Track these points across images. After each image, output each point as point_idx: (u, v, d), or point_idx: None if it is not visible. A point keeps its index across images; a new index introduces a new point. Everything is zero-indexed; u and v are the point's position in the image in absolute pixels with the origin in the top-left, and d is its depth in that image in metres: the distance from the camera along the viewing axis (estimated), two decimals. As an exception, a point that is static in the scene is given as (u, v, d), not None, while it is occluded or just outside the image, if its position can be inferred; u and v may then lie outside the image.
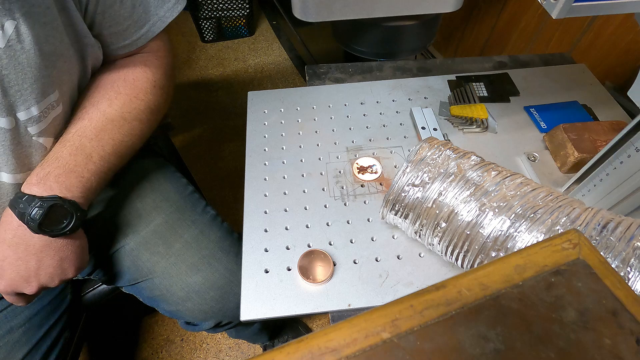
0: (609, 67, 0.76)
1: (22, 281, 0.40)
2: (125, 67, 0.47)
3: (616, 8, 0.29)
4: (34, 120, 0.39)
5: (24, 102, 0.37)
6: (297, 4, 0.54)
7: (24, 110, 0.37)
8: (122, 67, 0.47)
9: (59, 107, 0.41)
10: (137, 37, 0.46)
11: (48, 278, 0.41)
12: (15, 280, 0.40)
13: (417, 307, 0.17)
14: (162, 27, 0.47)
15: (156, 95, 0.48)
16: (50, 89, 0.39)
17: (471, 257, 0.34)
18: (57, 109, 0.41)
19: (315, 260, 0.41)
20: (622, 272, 0.28)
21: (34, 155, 0.41)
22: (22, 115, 0.38)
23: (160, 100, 0.49)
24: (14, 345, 0.49)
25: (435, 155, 0.37)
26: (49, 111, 0.40)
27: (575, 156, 0.46)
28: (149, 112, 0.47)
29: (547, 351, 0.16)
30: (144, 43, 0.47)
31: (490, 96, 0.58)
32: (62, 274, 0.42)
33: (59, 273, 0.41)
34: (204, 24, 1.64)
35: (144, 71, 0.47)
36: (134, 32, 0.45)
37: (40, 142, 0.41)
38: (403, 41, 0.75)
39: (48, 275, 0.41)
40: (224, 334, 0.96)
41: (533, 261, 0.18)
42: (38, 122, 0.39)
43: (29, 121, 0.38)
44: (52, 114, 0.41)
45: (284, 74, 1.59)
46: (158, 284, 0.51)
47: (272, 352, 0.16)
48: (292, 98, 0.59)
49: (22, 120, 0.38)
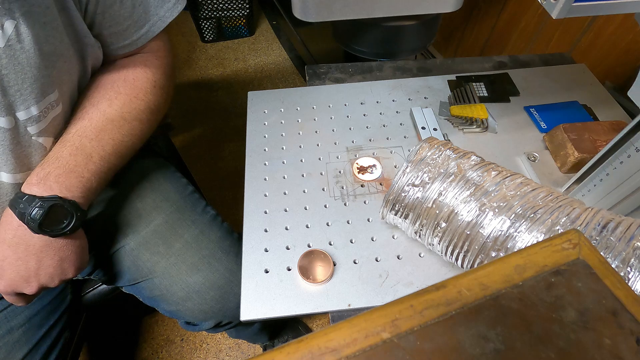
0: (609, 67, 0.76)
1: (22, 281, 0.40)
2: (125, 67, 0.47)
3: (616, 8, 0.29)
4: (34, 120, 0.39)
5: (23, 102, 0.37)
6: (297, 4, 0.54)
7: (23, 110, 0.37)
8: (122, 67, 0.47)
9: (59, 107, 0.41)
10: (137, 37, 0.46)
11: (48, 278, 0.41)
12: (15, 280, 0.40)
13: (417, 307, 0.17)
14: (162, 27, 0.47)
15: (156, 95, 0.48)
16: (49, 89, 0.39)
17: (471, 257, 0.34)
18: (57, 109, 0.41)
19: (315, 260, 0.41)
20: (622, 272, 0.28)
21: (34, 155, 0.41)
22: (22, 115, 0.38)
23: (160, 100, 0.49)
24: (14, 345, 0.49)
25: (435, 155, 0.37)
26: (49, 111, 0.40)
27: (575, 156, 0.46)
28: (149, 112, 0.47)
29: (547, 351, 0.16)
30: (144, 43, 0.47)
31: (490, 96, 0.58)
32: (62, 274, 0.42)
33: (59, 273, 0.41)
34: (204, 24, 1.64)
35: (144, 71, 0.47)
36: (134, 32, 0.45)
37: (40, 141, 0.41)
38: (403, 41, 0.75)
39: (48, 275, 0.41)
40: (224, 334, 0.96)
41: (533, 261, 0.18)
42: (37, 121, 0.39)
43: (28, 121, 0.38)
44: (52, 114, 0.41)
45: (284, 74, 1.59)
46: (158, 283, 0.51)
47: (272, 352, 0.16)
48: (292, 98, 0.59)
49: (22, 120, 0.38)
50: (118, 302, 0.63)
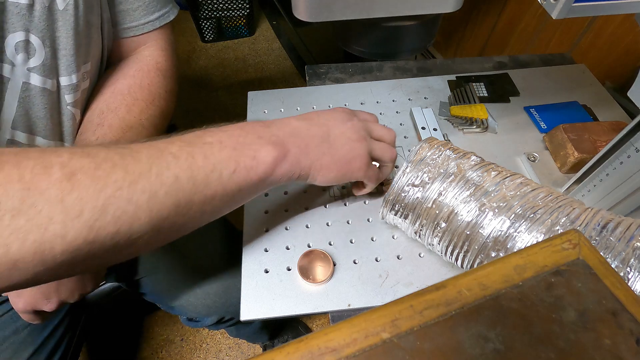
0: (609, 67, 0.76)
1: (42, 298, 0.39)
2: (141, 71, 0.47)
3: (616, 8, 0.29)
4: (72, 88, 0.39)
5: (67, 68, 0.37)
6: (297, 4, 0.54)
7: (66, 75, 0.38)
8: (137, 71, 0.47)
9: (88, 81, 0.41)
10: (145, 22, 0.45)
11: (69, 293, 0.40)
12: (35, 297, 0.39)
13: (417, 307, 0.17)
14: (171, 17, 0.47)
15: (167, 101, 0.48)
16: (87, 59, 0.39)
17: (471, 257, 0.34)
18: (86, 82, 0.41)
19: (315, 260, 0.41)
20: (621, 272, 0.28)
21: (66, 124, 0.41)
22: (64, 81, 0.38)
23: (171, 105, 0.49)
24: (20, 346, 0.49)
25: (435, 156, 0.37)
26: (82, 82, 0.40)
27: (575, 156, 0.46)
28: (162, 118, 0.47)
29: (547, 351, 0.16)
30: (149, 30, 0.46)
31: (490, 96, 0.58)
32: (82, 288, 0.41)
33: (80, 287, 0.41)
34: (204, 24, 1.64)
35: (157, 75, 0.47)
36: (142, 16, 0.45)
37: (72, 112, 0.41)
38: (403, 41, 0.75)
39: (69, 291, 0.40)
40: (224, 334, 0.96)
41: (533, 261, 0.18)
42: (75, 90, 0.39)
43: (67, 88, 0.38)
44: (83, 86, 0.41)
45: (284, 74, 1.59)
46: (161, 279, 0.51)
47: (271, 352, 0.16)
48: (292, 98, 0.59)
49: (63, 86, 0.38)
50: (118, 302, 0.63)
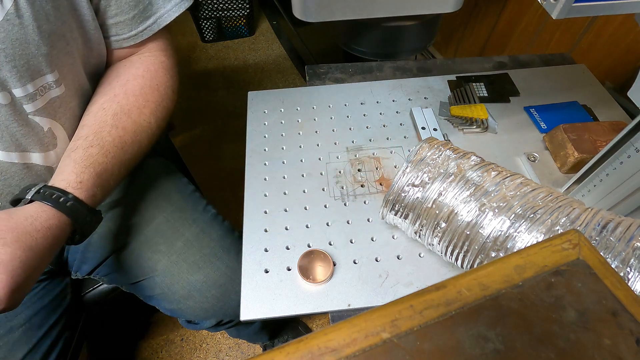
0: (609, 67, 0.76)
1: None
2: (149, 71, 0.47)
3: (616, 8, 0.29)
4: (30, 97, 0.38)
5: (20, 79, 0.37)
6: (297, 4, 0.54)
7: (20, 86, 0.37)
8: (146, 71, 0.47)
9: (59, 89, 0.41)
10: (143, 29, 0.46)
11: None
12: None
13: (417, 307, 0.17)
14: (169, 20, 0.47)
15: (173, 101, 0.49)
16: (47, 68, 0.39)
17: (471, 257, 0.34)
18: (56, 90, 0.41)
19: (315, 260, 0.41)
20: (622, 272, 0.28)
21: (30, 135, 0.40)
22: (18, 92, 0.37)
23: (173, 105, 0.49)
24: (14, 345, 0.49)
25: (435, 156, 0.37)
26: (45, 90, 0.40)
27: (575, 156, 0.46)
28: (167, 119, 0.48)
29: (547, 351, 0.16)
30: (149, 35, 0.46)
31: (490, 96, 0.58)
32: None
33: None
34: (204, 24, 1.64)
35: (164, 75, 0.48)
36: (139, 23, 0.45)
37: (37, 121, 0.40)
38: (403, 41, 0.75)
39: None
40: (224, 334, 0.96)
41: (533, 261, 0.18)
42: (33, 100, 0.39)
43: (24, 98, 0.38)
44: (50, 94, 0.40)
45: (284, 74, 1.59)
46: (159, 282, 0.51)
47: (271, 352, 0.16)
48: (292, 98, 0.59)
49: (18, 97, 0.38)
50: (118, 302, 0.63)
